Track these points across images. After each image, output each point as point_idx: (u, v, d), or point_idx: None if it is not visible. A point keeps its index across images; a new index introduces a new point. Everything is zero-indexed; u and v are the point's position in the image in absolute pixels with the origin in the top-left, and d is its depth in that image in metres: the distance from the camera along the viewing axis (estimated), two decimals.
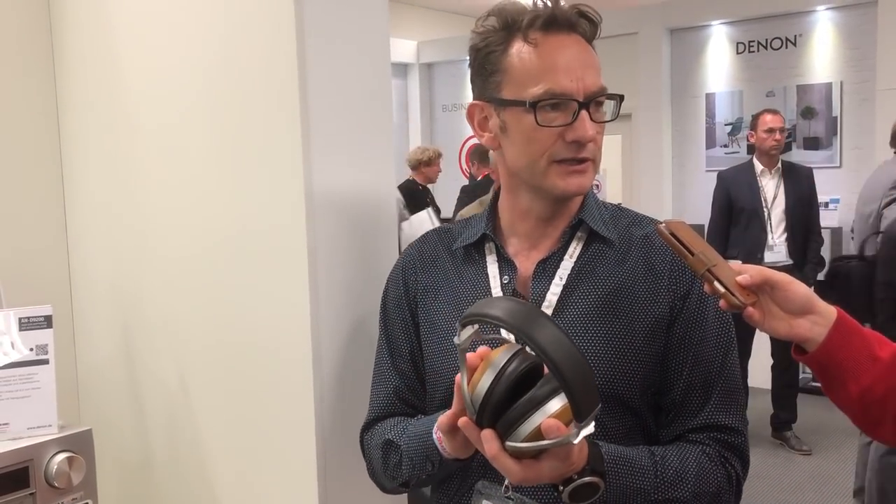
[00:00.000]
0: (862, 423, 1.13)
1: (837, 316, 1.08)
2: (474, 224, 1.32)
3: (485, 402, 0.97)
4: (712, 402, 1.20)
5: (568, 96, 1.14)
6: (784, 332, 1.08)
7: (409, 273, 1.34)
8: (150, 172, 1.73)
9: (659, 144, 7.12)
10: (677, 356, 1.20)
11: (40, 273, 1.87)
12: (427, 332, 1.29)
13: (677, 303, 1.20)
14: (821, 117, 6.34)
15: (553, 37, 1.16)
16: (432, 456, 1.17)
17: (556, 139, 1.16)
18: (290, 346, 1.49)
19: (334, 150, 1.50)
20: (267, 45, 1.47)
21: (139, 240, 1.77)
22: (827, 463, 4.66)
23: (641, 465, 1.12)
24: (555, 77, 1.14)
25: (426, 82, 9.11)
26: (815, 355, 1.08)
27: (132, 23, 1.72)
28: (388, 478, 1.28)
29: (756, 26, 6.65)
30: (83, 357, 1.93)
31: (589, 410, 0.93)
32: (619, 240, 1.24)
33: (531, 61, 1.16)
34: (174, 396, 1.73)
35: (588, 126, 1.15)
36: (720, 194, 4.83)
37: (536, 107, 1.15)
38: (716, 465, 1.18)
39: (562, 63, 1.15)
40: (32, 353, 1.38)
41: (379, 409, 1.33)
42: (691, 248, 1.07)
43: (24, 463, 1.30)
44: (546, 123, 1.15)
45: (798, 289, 1.07)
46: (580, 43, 1.18)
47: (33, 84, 1.86)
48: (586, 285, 1.21)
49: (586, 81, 1.15)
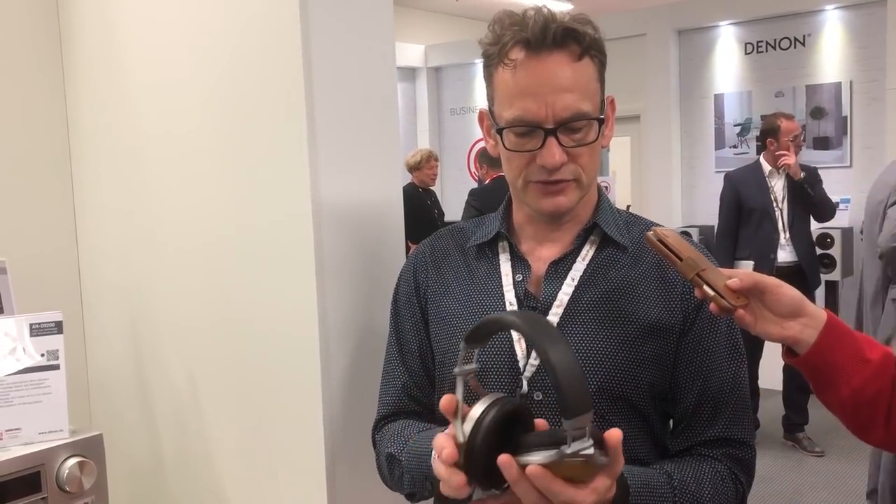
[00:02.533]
0: (852, 425, 1.14)
1: (827, 319, 1.09)
2: (488, 223, 1.33)
3: (469, 450, 0.96)
4: (726, 415, 1.21)
5: (535, 124, 1.13)
6: (776, 335, 1.09)
7: (419, 270, 1.35)
8: (158, 177, 1.74)
9: (668, 146, 7.10)
10: (690, 366, 1.21)
11: (51, 278, 1.88)
12: (437, 328, 1.30)
13: (690, 314, 1.21)
14: (830, 117, 6.31)
15: (532, 59, 1.13)
16: (430, 477, 1.15)
17: (529, 162, 1.17)
18: (298, 349, 1.49)
19: (341, 155, 1.50)
20: (273, 51, 1.48)
21: (149, 244, 1.78)
22: (840, 464, 4.63)
23: (662, 492, 1.13)
24: (523, 103, 1.13)
25: (434, 86, 9.12)
26: (805, 357, 1.09)
27: (140, 31, 1.73)
28: (396, 487, 1.28)
29: (764, 26, 6.63)
30: (94, 361, 1.94)
31: (577, 410, 0.90)
32: (632, 245, 1.25)
33: (507, 84, 1.15)
34: (184, 400, 1.73)
35: (555, 153, 1.13)
36: (728, 195, 4.81)
37: (504, 133, 1.16)
38: (727, 485, 1.20)
39: (531, 88, 1.13)
40: (43, 359, 1.39)
41: (388, 406, 1.34)
42: (679, 253, 1.09)
43: (36, 468, 1.30)
44: (514, 148, 1.16)
45: (788, 292, 1.09)
46: (560, 63, 1.13)
47: (43, 91, 1.87)
48: (598, 287, 1.21)
49: (555, 108, 1.12)
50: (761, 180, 4.70)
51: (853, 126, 6.26)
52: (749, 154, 6.57)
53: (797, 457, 4.77)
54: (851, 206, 6.04)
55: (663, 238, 1.10)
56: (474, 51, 1.26)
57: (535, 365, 1.18)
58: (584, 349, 1.17)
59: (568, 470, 0.92)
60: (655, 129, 7.15)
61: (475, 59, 8.96)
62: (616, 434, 0.93)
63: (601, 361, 1.17)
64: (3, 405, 1.35)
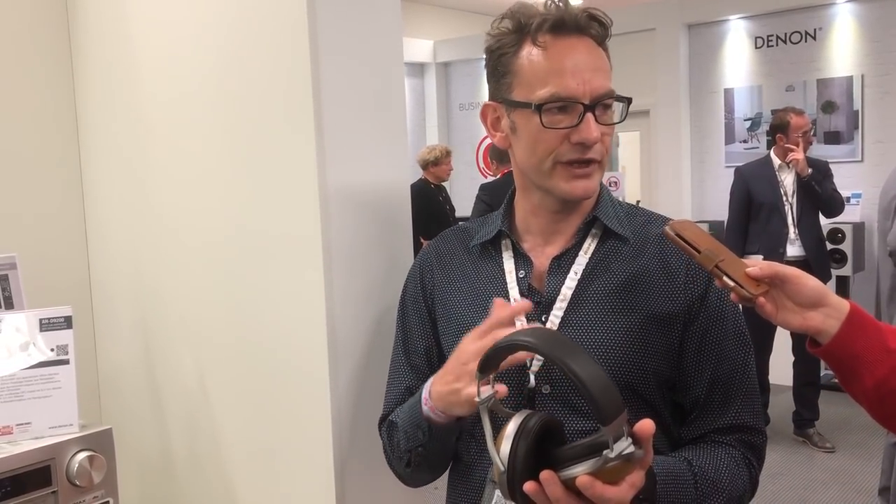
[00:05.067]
0: (878, 415, 1.14)
1: (850, 308, 1.09)
2: (491, 222, 1.34)
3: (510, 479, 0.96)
4: (737, 402, 1.22)
5: (573, 99, 1.15)
6: (797, 325, 1.09)
7: (425, 270, 1.37)
8: (167, 173, 1.75)
9: (678, 141, 7.08)
10: (698, 355, 1.21)
11: (61, 274, 1.89)
12: (444, 326, 1.31)
13: (695, 303, 1.21)
14: (842, 111, 6.29)
15: (562, 40, 1.17)
16: (421, 424, 1.20)
17: (561, 141, 1.17)
18: (307, 345, 1.49)
19: (348, 148, 1.50)
20: (281, 45, 1.48)
21: (157, 240, 1.79)
22: (850, 460, 4.62)
23: (685, 480, 1.14)
24: (561, 80, 1.15)
25: (443, 81, 9.12)
26: (829, 347, 1.09)
27: (148, 27, 1.74)
28: (397, 459, 1.29)
29: (775, 20, 6.60)
30: (103, 357, 1.94)
31: (613, 414, 0.91)
32: (634, 237, 1.25)
33: (539, 64, 1.17)
34: (193, 395, 1.74)
35: (593, 128, 1.16)
36: (739, 189, 4.80)
37: (542, 109, 1.16)
38: (742, 469, 1.21)
39: (569, 66, 1.16)
40: (53, 354, 1.39)
41: (393, 405, 1.35)
42: (698, 246, 1.09)
43: (46, 462, 1.31)
44: (551, 125, 1.16)
45: (809, 282, 1.09)
46: (589, 46, 1.18)
47: (52, 89, 1.88)
48: (601, 280, 1.22)
49: (593, 84, 1.15)
50: (771, 175, 4.69)
51: (864, 120, 6.22)
52: (759, 149, 6.54)
53: (807, 452, 4.76)
54: (863, 201, 6.02)
55: (680, 231, 1.11)
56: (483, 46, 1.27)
57: (541, 360, 1.19)
58: (589, 341, 1.18)
59: (610, 473, 0.93)
60: (665, 124, 7.14)
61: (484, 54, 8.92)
62: (649, 426, 0.94)
63: (606, 352, 1.18)
64: (13, 399, 1.36)
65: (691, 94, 7.10)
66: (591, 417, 1.14)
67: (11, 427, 1.35)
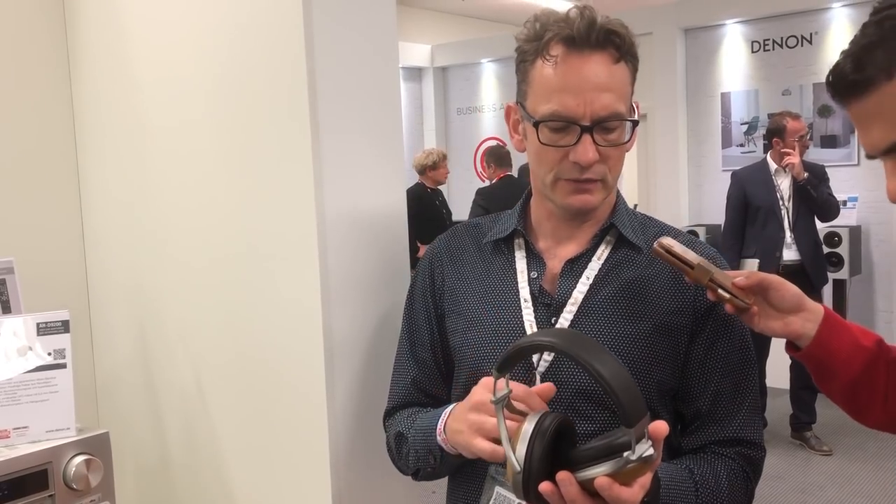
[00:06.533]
0: (852, 410, 1.19)
1: (825, 312, 1.15)
2: (505, 220, 1.34)
3: (526, 479, 0.97)
4: (740, 417, 1.23)
5: (572, 119, 1.14)
6: (780, 330, 1.14)
7: (436, 265, 1.37)
8: (165, 178, 1.75)
9: (675, 144, 7.08)
10: (703, 367, 1.22)
11: (58, 278, 1.89)
12: (453, 323, 1.31)
13: (702, 316, 1.22)
14: (838, 115, 6.29)
15: (573, 55, 1.14)
16: (434, 450, 1.20)
17: (561, 158, 1.17)
18: (303, 349, 1.50)
19: (344, 159, 1.51)
20: (276, 52, 1.48)
21: (155, 244, 1.79)
22: (847, 463, 4.62)
23: (686, 487, 1.15)
24: (562, 98, 1.14)
25: (440, 86, 9.11)
26: (809, 350, 1.14)
27: (145, 32, 1.74)
28: (403, 465, 1.32)
29: (771, 24, 6.61)
30: (101, 361, 1.94)
31: (637, 416, 0.92)
32: (647, 247, 1.26)
33: (547, 79, 1.16)
34: (190, 399, 1.74)
35: (589, 150, 1.14)
36: (735, 193, 4.81)
37: (539, 126, 1.16)
38: (741, 482, 1.22)
39: (573, 84, 1.14)
40: (51, 358, 1.39)
41: (398, 398, 1.36)
42: (689, 262, 1.13)
43: (44, 465, 1.31)
44: (549, 143, 1.17)
45: (790, 288, 1.14)
46: (603, 62, 1.15)
47: (50, 92, 1.88)
48: (612, 287, 1.23)
49: (595, 105, 1.13)
50: (768, 179, 4.70)
51: None
52: (756, 153, 6.55)
53: (805, 455, 4.76)
54: (859, 205, 6.02)
55: (670, 248, 1.14)
56: (481, 51, 1.28)
57: (547, 360, 1.20)
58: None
59: (626, 474, 0.93)
60: (662, 127, 7.14)
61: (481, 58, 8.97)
62: (663, 427, 0.94)
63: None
64: (10, 403, 1.36)
65: (688, 97, 7.10)
66: (595, 421, 1.16)
67: (8, 431, 1.35)
